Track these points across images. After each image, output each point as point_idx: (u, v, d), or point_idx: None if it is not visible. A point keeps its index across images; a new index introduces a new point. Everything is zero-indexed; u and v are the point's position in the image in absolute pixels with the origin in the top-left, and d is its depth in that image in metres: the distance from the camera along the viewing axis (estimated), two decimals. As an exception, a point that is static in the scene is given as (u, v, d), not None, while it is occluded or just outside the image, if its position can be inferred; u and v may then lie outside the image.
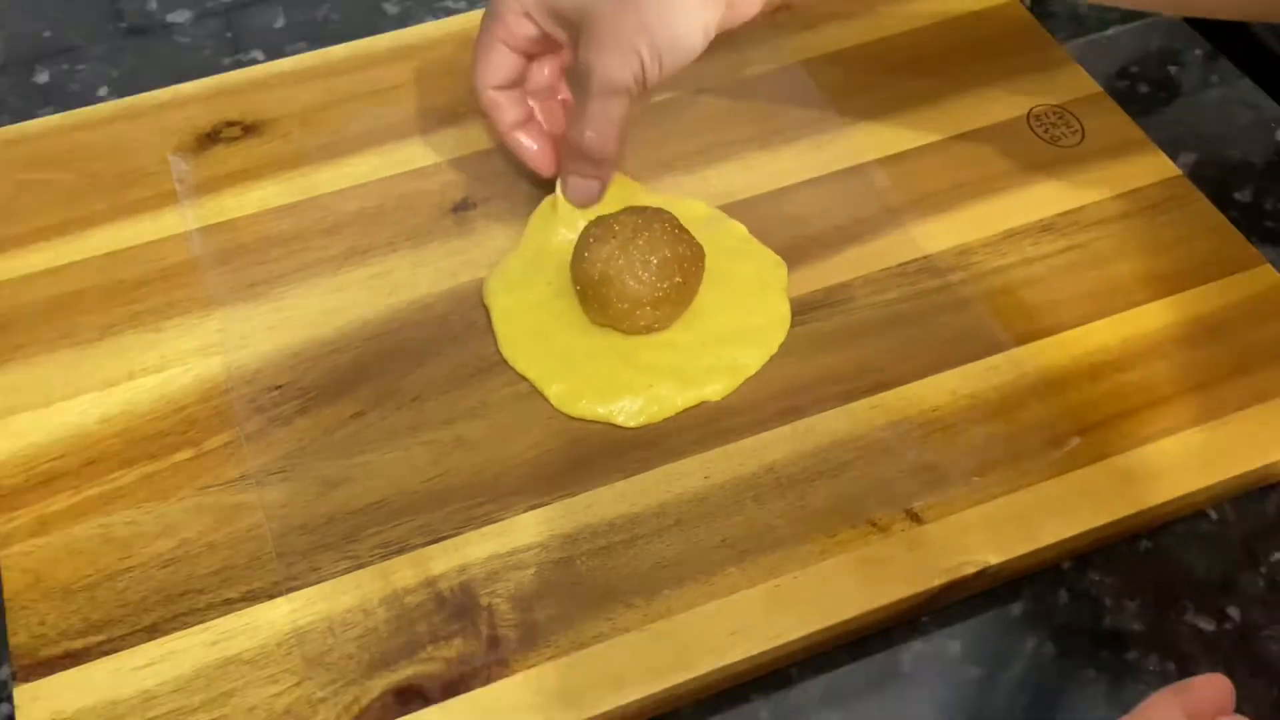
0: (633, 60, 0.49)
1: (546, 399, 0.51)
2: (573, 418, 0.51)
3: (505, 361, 0.52)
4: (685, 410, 0.51)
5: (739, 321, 0.54)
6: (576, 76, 0.51)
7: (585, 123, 0.51)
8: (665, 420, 0.51)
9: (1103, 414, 0.51)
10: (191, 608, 0.45)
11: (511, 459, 0.50)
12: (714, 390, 0.51)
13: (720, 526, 0.48)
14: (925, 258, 0.56)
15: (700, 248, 0.52)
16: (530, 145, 0.56)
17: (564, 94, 0.57)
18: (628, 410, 0.51)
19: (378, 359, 0.53)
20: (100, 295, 0.55)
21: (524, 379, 0.52)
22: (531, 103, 0.56)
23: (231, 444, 0.50)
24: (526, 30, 0.52)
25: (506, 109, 0.55)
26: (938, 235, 0.57)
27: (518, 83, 0.55)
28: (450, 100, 0.62)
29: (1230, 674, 0.39)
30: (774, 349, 0.53)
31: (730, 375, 0.52)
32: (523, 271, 0.55)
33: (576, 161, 0.53)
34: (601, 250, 0.51)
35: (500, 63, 0.53)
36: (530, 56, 0.55)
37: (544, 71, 0.56)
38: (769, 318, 0.54)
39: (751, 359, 0.52)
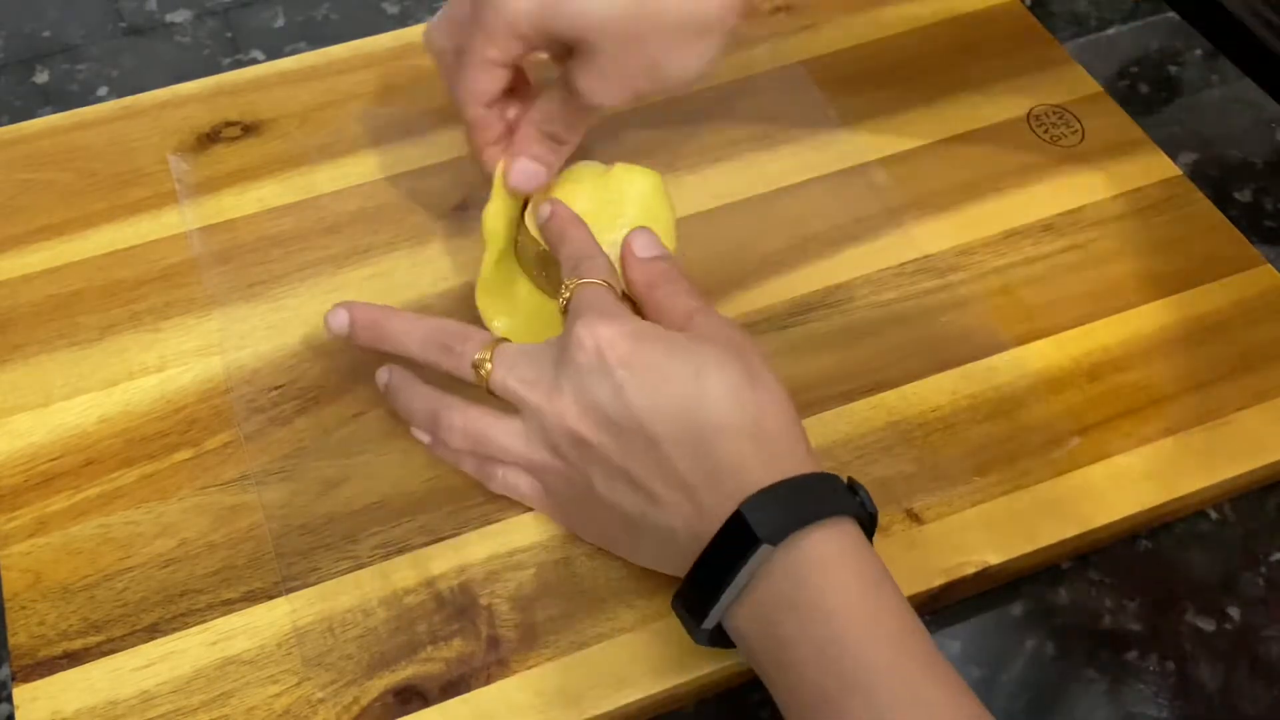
0: (628, 92, 0.49)
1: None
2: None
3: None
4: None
5: None
6: (560, 80, 0.50)
7: (557, 119, 0.51)
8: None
9: (1103, 414, 0.51)
10: (191, 608, 0.45)
11: (511, 459, 0.50)
12: None
13: (720, 526, 0.48)
14: (925, 258, 0.56)
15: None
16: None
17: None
18: None
19: (377, 359, 0.52)
20: (100, 295, 0.55)
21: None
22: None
23: (231, 444, 0.50)
24: (518, 50, 0.50)
25: (492, 125, 0.53)
26: (938, 235, 0.57)
27: (500, 99, 0.53)
28: (450, 101, 0.62)
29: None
30: None
31: None
32: (500, 273, 0.54)
33: (535, 146, 0.52)
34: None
35: (489, 81, 0.51)
36: (516, 72, 0.53)
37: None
38: None
39: None
